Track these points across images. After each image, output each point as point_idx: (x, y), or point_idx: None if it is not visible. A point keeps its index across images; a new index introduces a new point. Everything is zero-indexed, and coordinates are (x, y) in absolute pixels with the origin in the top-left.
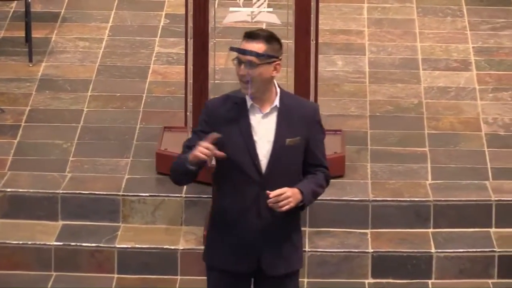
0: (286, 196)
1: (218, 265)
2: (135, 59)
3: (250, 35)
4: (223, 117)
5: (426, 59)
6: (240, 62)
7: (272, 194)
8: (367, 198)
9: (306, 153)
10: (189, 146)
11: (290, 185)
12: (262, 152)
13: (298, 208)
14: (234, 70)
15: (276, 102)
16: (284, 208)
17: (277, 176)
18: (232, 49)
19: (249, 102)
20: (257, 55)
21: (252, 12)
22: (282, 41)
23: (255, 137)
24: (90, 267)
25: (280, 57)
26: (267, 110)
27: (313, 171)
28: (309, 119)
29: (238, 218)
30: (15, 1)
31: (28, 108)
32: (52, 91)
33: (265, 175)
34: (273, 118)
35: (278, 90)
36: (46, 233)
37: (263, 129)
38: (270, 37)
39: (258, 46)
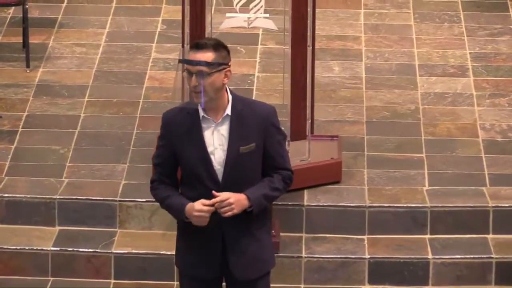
0: (228, 203)
1: (186, 271)
2: (132, 65)
3: (197, 46)
4: (178, 129)
5: (423, 65)
6: (190, 73)
7: (212, 200)
8: (364, 204)
9: (264, 156)
10: (158, 164)
11: None
12: (218, 162)
13: (248, 213)
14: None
15: (228, 110)
16: (227, 215)
17: (235, 184)
18: (181, 61)
19: (201, 113)
20: (207, 64)
21: (248, 18)
22: (279, 47)
23: (210, 148)
24: (87, 272)
25: (229, 64)
26: (219, 119)
27: (272, 173)
28: (263, 123)
29: (200, 226)
30: (13, 7)
31: (25, 113)
32: (49, 96)
33: (222, 184)
34: (226, 127)
35: (230, 96)
36: (43, 238)
37: (217, 139)
38: (217, 45)
39: (206, 56)
